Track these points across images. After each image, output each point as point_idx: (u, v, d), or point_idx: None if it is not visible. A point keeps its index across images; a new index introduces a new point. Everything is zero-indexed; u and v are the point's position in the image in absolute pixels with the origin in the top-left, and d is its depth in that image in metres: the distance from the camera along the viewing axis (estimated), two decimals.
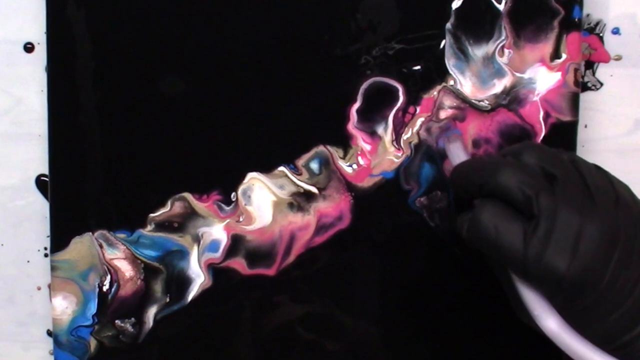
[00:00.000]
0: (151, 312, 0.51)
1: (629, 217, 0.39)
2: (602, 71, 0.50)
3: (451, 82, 0.49)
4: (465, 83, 0.49)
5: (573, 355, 0.39)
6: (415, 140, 0.49)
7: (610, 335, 0.39)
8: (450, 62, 0.49)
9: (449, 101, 0.49)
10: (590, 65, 0.50)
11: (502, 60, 0.48)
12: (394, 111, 0.49)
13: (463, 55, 0.49)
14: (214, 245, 0.50)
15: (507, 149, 0.44)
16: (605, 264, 0.38)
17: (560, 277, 0.38)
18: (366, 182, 0.50)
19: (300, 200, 0.50)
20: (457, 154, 0.46)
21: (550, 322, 0.39)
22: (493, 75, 0.49)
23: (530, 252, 0.39)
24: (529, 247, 0.39)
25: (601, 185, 0.40)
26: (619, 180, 0.42)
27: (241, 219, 0.50)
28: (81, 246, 0.50)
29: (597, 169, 0.42)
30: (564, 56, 0.48)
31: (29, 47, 0.51)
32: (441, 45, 0.49)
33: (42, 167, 0.51)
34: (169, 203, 0.50)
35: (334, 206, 0.50)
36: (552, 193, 0.39)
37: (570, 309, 0.39)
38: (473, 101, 0.48)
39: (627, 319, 0.39)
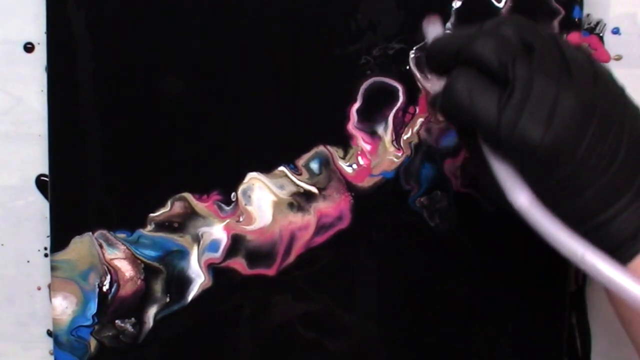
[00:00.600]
0: (151, 312, 0.51)
1: (606, 94, 0.39)
2: None
3: None
4: None
5: (543, 234, 0.38)
6: (415, 140, 0.49)
7: (583, 214, 0.39)
8: None
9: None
10: None
11: None
12: (393, 111, 0.49)
13: None
14: (214, 245, 0.50)
15: (485, 22, 0.41)
16: (580, 136, 0.37)
17: (534, 146, 0.37)
18: (366, 182, 0.50)
19: (301, 200, 0.50)
20: (434, 29, 0.44)
21: (522, 197, 0.38)
22: None
23: (504, 120, 0.38)
24: (503, 114, 0.38)
25: (580, 60, 0.39)
26: (600, 63, 0.41)
27: (241, 219, 0.50)
28: (81, 246, 0.50)
29: (579, 46, 0.41)
30: None
31: (29, 47, 0.51)
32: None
33: (42, 167, 0.51)
34: (169, 203, 0.50)
35: (334, 206, 0.50)
36: (528, 61, 0.38)
37: (544, 183, 0.38)
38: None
39: (601, 198, 0.38)
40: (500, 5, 0.48)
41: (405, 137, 0.49)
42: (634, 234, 0.38)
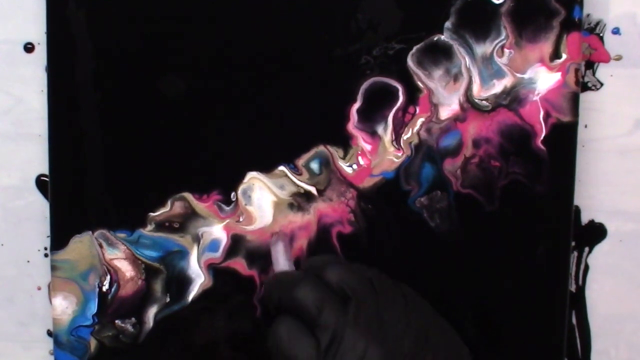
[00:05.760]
0: (151, 312, 0.51)
1: (419, 342, 0.42)
2: (602, 71, 0.50)
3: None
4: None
5: None
6: (415, 140, 0.49)
7: None
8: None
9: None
10: (590, 65, 0.50)
11: (501, 61, 0.48)
12: (393, 111, 0.49)
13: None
14: (214, 245, 0.50)
15: (313, 262, 0.46)
16: None
17: None
18: (366, 182, 0.50)
19: (301, 201, 0.50)
20: (277, 258, 0.47)
21: None
22: (493, 75, 0.49)
23: None
24: None
25: (394, 310, 0.42)
26: (418, 300, 0.44)
27: (241, 219, 0.50)
28: (81, 246, 0.50)
29: (397, 288, 0.44)
30: (564, 56, 0.48)
31: (29, 47, 0.51)
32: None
33: (42, 167, 0.51)
34: (169, 203, 0.50)
35: (334, 206, 0.50)
36: (340, 311, 0.41)
37: None
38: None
39: None
40: (500, 3, 0.48)
41: (405, 137, 0.49)
42: None
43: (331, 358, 0.41)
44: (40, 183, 0.52)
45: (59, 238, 0.50)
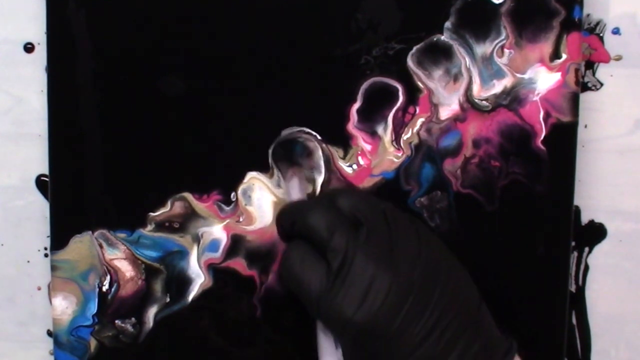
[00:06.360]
0: (151, 312, 0.51)
1: (427, 273, 0.42)
2: (602, 71, 0.50)
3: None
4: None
5: None
6: (415, 140, 0.49)
7: None
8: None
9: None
10: (590, 65, 0.50)
11: (501, 61, 0.48)
12: (393, 111, 0.49)
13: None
14: (213, 245, 0.50)
15: (328, 190, 0.47)
16: (393, 315, 0.40)
17: (346, 321, 0.41)
18: (366, 183, 0.49)
19: None
20: (291, 193, 0.48)
21: None
22: (493, 76, 0.49)
23: (324, 293, 0.41)
24: (325, 288, 0.41)
25: (406, 239, 0.42)
26: (431, 236, 0.44)
27: (241, 219, 0.50)
28: (81, 246, 0.50)
29: (411, 222, 0.44)
30: (564, 56, 0.48)
31: (29, 47, 0.51)
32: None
33: (42, 167, 0.51)
34: (169, 203, 0.50)
35: None
36: (351, 235, 0.42)
37: (358, 354, 0.41)
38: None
39: None
40: (500, 3, 0.48)
41: (405, 137, 0.49)
42: None
43: (341, 281, 0.41)
44: (40, 183, 0.52)
45: (59, 238, 0.50)
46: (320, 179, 0.49)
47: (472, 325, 0.42)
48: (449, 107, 0.49)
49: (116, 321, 0.51)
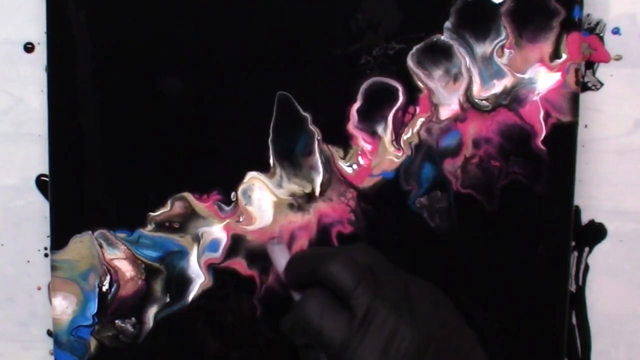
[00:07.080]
0: (151, 312, 0.51)
1: (443, 329, 0.42)
2: (602, 71, 0.50)
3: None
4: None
5: None
6: (415, 140, 0.49)
7: None
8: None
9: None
10: (590, 65, 0.50)
11: (501, 61, 0.48)
12: (393, 111, 0.49)
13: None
14: (214, 245, 0.50)
15: (339, 248, 0.48)
16: None
17: None
18: (366, 182, 0.50)
19: (301, 201, 0.50)
20: (279, 260, 0.47)
21: None
22: (493, 75, 0.49)
23: (347, 342, 0.41)
24: (348, 337, 0.41)
25: (420, 296, 0.43)
26: (441, 294, 0.45)
27: (241, 219, 0.50)
28: (81, 246, 0.50)
29: (424, 281, 0.45)
30: (564, 56, 0.48)
31: (29, 47, 0.51)
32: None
33: (42, 167, 0.51)
34: (169, 203, 0.50)
35: (334, 206, 0.50)
36: (374, 287, 0.42)
37: None
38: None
39: None
40: (500, 4, 0.48)
41: (405, 137, 0.49)
42: None
43: (364, 331, 0.41)
44: (40, 183, 0.52)
45: (59, 238, 0.50)
46: (319, 179, 0.49)
47: None
48: (449, 107, 0.49)
49: (116, 321, 0.51)
